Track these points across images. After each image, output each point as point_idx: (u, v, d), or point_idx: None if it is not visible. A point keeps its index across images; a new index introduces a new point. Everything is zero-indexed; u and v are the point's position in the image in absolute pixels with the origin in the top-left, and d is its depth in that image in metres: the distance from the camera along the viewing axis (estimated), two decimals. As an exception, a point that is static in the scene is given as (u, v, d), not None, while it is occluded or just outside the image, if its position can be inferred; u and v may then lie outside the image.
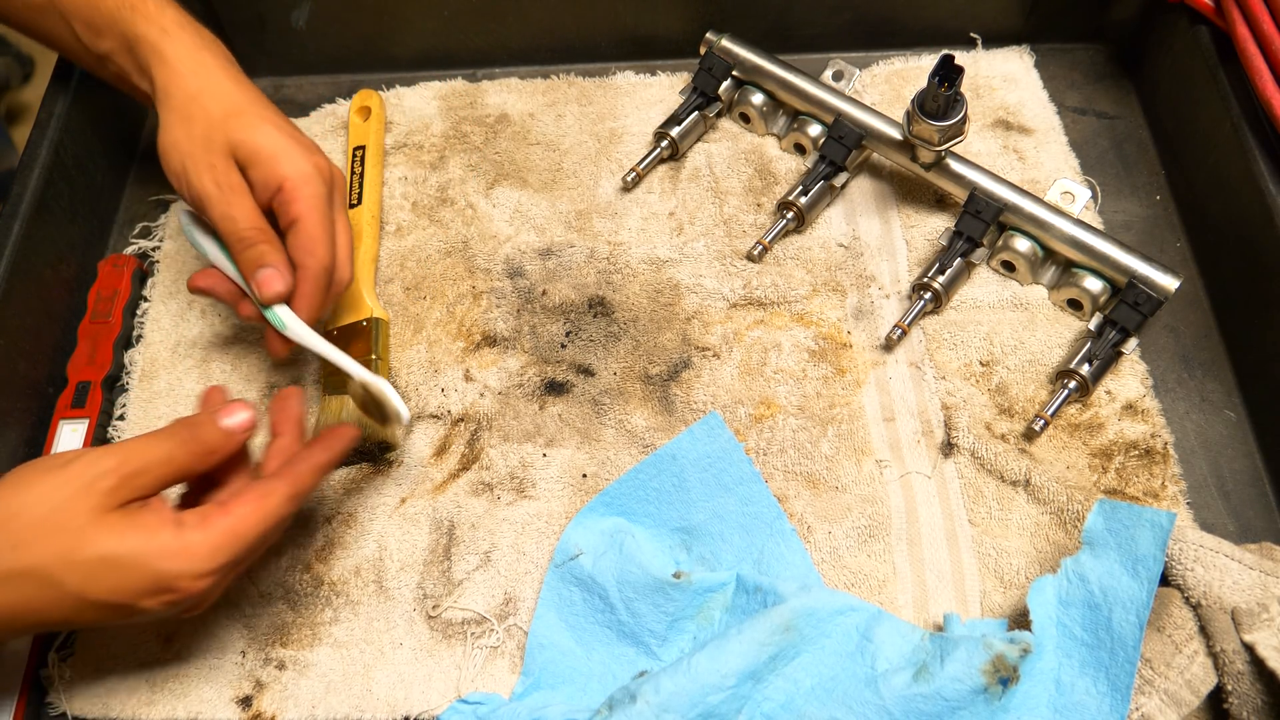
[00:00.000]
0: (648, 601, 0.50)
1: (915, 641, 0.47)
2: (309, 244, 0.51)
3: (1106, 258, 0.58)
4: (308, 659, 0.52)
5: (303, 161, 0.52)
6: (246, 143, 0.51)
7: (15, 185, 0.61)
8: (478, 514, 0.55)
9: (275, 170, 0.51)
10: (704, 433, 0.54)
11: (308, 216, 0.51)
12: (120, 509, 0.41)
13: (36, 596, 0.40)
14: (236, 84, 0.54)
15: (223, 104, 0.52)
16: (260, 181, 0.52)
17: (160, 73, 0.52)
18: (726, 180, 0.67)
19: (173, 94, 0.52)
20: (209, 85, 0.52)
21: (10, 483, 0.42)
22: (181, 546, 0.41)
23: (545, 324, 0.62)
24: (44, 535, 0.40)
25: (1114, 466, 0.55)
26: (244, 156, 0.51)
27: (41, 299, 0.61)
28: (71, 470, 0.41)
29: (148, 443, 0.43)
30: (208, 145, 0.51)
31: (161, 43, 0.53)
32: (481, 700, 0.49)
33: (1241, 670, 0.45)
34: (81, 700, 0.51)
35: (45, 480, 0.41)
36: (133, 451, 0.43)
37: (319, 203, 0.52)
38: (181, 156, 0.51)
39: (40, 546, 0.40)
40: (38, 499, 0.41)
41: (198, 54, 0.53)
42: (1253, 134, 0.59)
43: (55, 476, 0.41)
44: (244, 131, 0.51)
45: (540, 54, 0.74)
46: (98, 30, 0.54)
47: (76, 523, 0.40)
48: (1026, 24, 0.72)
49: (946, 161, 0.61)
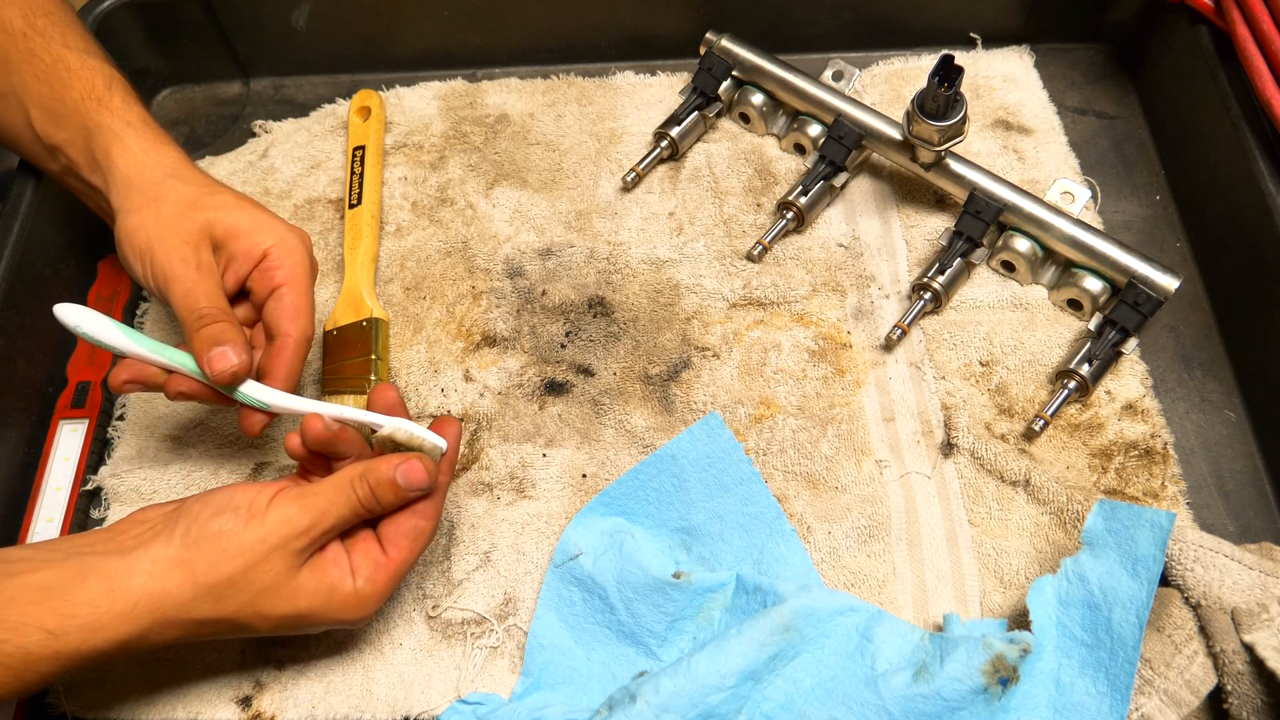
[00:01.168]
0: (647, 602, 0.50)
1: (915, 642, 0.47)
2: (292, 312, 0.51)
3: (1106, 258, 0.58)
4: (308, 659, 0.52)
5: (286, 232, 0.51)
6: (224, 220, 0.50)
7: (15, 185, 0.61)
8: (477, 514, 0.55)
9: (257, 241, 0.51)
10: (704, 433, 0.54)
11: (292, 284, 0.51)
12: (307, 564, 0.45)
13: (226, 634, 0.45)
14: (203, 174, 0.53)
15: (194, 187, 0.51)
16: (242, 253, 0.51)
17: (122, 160, 0.51)
18: (726, 180, 0.67)
19: (137, 179, 0.51)
20: (177, 170, 0.52)
21: (209, 530, 0.44)
22: (358, 601, 0.46)
23: (545, 324, 0.62)
24: (241, 591, 0.43)
25: (1114, 466, 0.55)
26: (221, 233, 0.50)
27: (41, 299, 0.61)
28: (269, 527, 0.44)
29: (332, 501, 0.45)
30: (179, 224, 0.50)
31: (125, 133, 0.52)
32: (481, 700, 0.49)
33: (1241, 670, 0.45)
34: (81, 700, 0.51)
35: (244, 534, 0.44)
36: (323, 514, 0.45)
37: (302, 271, 0.51)
38: (148, 236, 0.49)
39: (237, 600, 0.43)
40: (238, 552, 0.43)
41: (160, 147, 0.53)
42: (1253, 134, 0.59)
43: (252, 532, 0.44)
44: (221, 210, 0.51)
45: (540, 54, 0.74)
46: (57, 118, 0.53)
47: (271, 582, 0.44)
48: (1026, 24, 0.72)
49: (946, 161, 0.61)
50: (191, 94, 0.76)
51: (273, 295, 0.51)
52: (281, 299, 0.51)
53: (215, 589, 0.43)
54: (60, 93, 0.53)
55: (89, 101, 0.52)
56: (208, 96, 0.75)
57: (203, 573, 0.43)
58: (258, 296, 0.52)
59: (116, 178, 0.51)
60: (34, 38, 0.54)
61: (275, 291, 0.51)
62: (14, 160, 0.61)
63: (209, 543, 0.43)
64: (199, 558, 0.43)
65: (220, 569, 0.43)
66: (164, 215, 0.50)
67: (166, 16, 0.71)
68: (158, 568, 0.42)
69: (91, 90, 0.53)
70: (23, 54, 0.53)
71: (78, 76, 0.53)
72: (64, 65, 0.53)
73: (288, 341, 0.50)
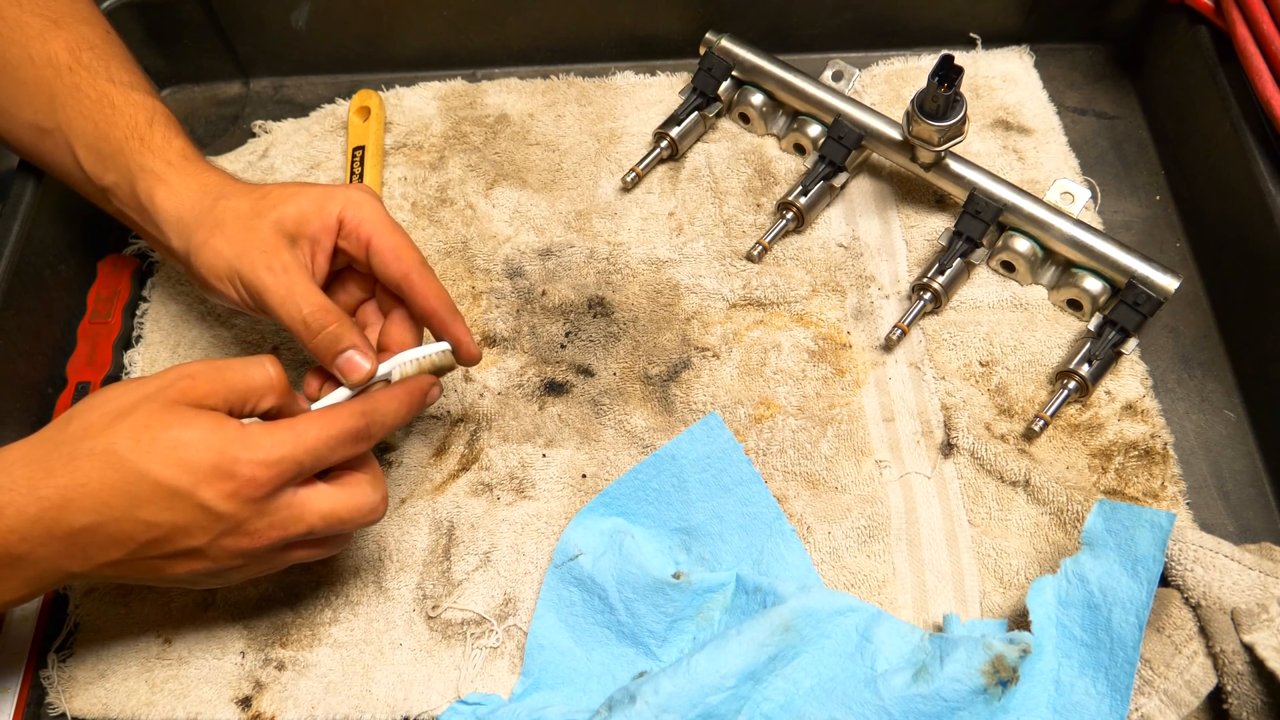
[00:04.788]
0: (647, 602, 0.50)
1: (915, 642, 0.47)
2: (394, 252, 0.49)
3: (1106, 258, 0.58)
4: (307, 659, 0.52)
5: (349, 192, 0.51)
6: (288, 212, 0.50)
7: (15, 185, 0.61)
8: (477, 514, 0.55)
9: (328, 212, 0.50)
10: (703, 433, 0.54)
11: (379, 230, 0.50)
12: (195, 407, 0.43)
13: (96, 479, 0.40)
14: (246, 183, 0.52)
15: (247, 199, 0.50)
16: (320, 230, 0.50)
17: (169, 203, 0.51)
18: (726, 180, 0.67)
19: (189, 216, 0.50)
20: (223, 191, 0.51)
21: (92, 395, 0.43)
22: (247, 434, 0.42)
23: (545, 324, 0.62)
24: (116, 420, 0.41)
25: (1114, 467, 0.55)
26: (291, 225, 0.50)
27: (41, 299, 0.61)
28: (153, 375, 0.43)
29: (235, 364, 0.44)
30: (250, 238, 0.49)
31: (167, 173, 0.51)
32: (481, 701, 0.49)
33: (1241, 671, 0.45)
34: (81, 700, 0.51)
35: (126, 384, 0.43)
36: (223, 367, 0.44)
37: (382, 215, 0.51)
38: (226, 261, 0.49)
39: (111, 431, 0.41)
40: (115, 395, 0.42)
41: (202, 176, 0.52)
42: (1252, 134, 0.59)
43: (136, 381, 0.43)
44: (280, 205, 0.50)
45: (540, 54, 0.74)
46: (103, 158, 0.52)
47: (150, 408, 0.42)
48: (1026, 24, 0.72)
49: (946, 162, 0.61)
50: (191, 94, 0.76)
51: (370, 250, 0.50)
52: (379, 249, 0.50)
53: (87, 424, 0.41)
54: (105, 131, 0.52)
55: (132, 141, 0.52)
56: (208, 96, 0.75)
57: (76, 415, 0.42)
58: (357, 259, 0.51)
59: (169, 221, 0.51)
60: (80, 72, 0.53)
61: (370, 246, 0.50)
62: (14, 160, 0.61)
63: (90, 398, 0.43)
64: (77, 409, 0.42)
65: (95, 410, 0.42)
66: (233, 236, 0.49)
67: (166, 16, 0.71)
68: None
69: (135, 128, 0.52)
70: (69, 89, 0.53)
71: (122, 114, 0.52)
72: (109, 102, 0.53)
73: (410, 277, 0.50)
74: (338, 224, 0.50)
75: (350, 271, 0.53)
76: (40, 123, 0.53)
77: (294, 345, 0.62)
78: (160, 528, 0.41)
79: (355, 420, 0.45)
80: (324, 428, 0.44)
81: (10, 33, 0.53)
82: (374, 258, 0.50)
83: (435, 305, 0.50)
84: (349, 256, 0.51)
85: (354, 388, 0.48)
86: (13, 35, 0.53)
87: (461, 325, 0.51)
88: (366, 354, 0.47)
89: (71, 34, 0.54)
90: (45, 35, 0.53)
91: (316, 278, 0.50)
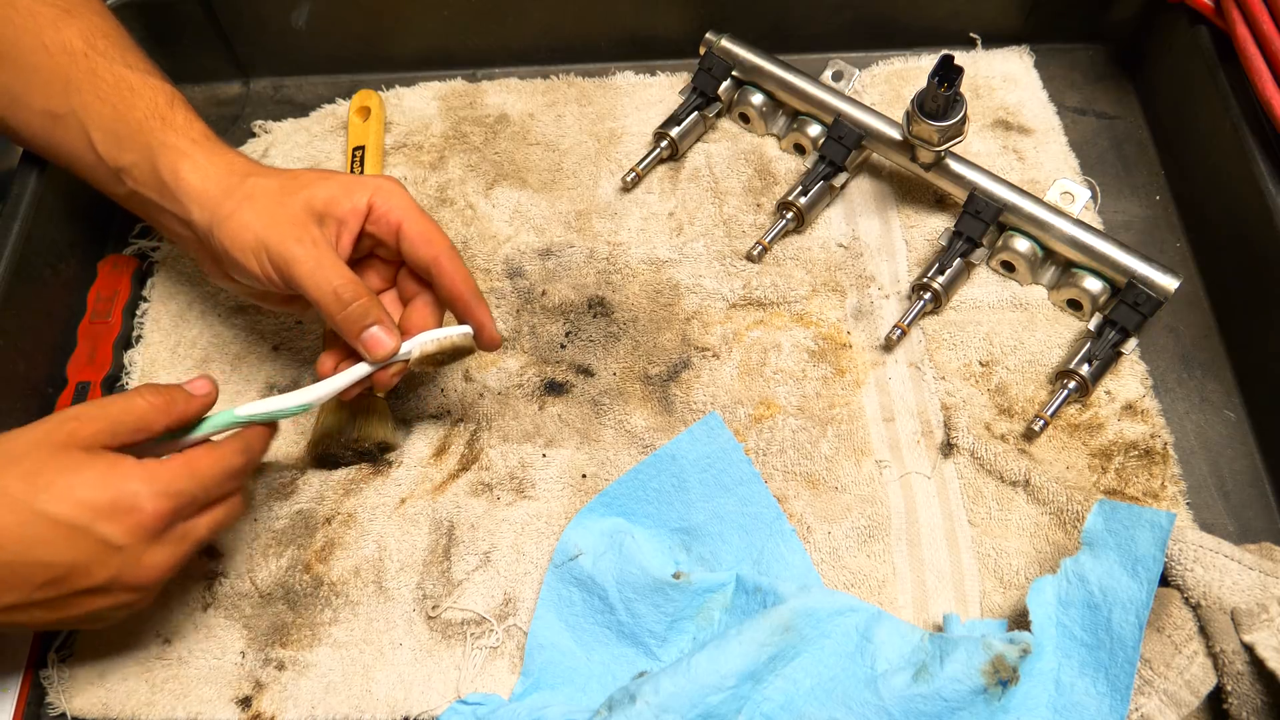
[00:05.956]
0: (647, 602, 0.50)
1: (915, 642, 0.47)
2: (424, 237, 0.50)
3: (1106, 258, 0.58)
4: (307, 659, 0.52)
5: (379, 182, 0.51)
6: (319, 194, 0.50)
7: (15, 185, 0.61)
8: (477, 514, 0.55)
9: (358, 198, 0.50)
10: (703, 433, 0.54)
11: (408, 217, 0.50)
12: (87, 450, 0.43)
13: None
14: (273, 167, 0.53)
15: (277, 178, 0.51)
16: (349, 213, 0.50)
17: (194, 176, 0.51)
18: (726, 180, 0.67)
19: (216, 189, 0.50)
20: (251, 170, 0.51)
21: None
22: (143, 468, 0.43)
23: (545, 324, 0.62)
24: (8, 465, 0.41)
25: (1114, 467, 0.55)
26: (322, 206, 0.50)
27: (41, 299, 0.61)
28: (46, 419, 0.43)
29: (117, 398, 0.45)
30: (281, 212, 0.49)
31: (192, 150, 0.51)
32: (481, 701, 0.49)
33: (1241, 671, 0.45)
34: (81, 700, 0.51)
35: (12, 433, 0.43)
36: (105, 403, 0.44)
37: (411, 203, 0.51)
38: (255, 232, 0.49)
39: (3, 475, 0.41)
40: (11, 438, 0.42)
41: (228, 155, 0.52)
42: (1252, 134, 0.59)
43: (21, 429, 0.43)
44: (312, 186, 0.50)
45: (540, 54, 0.74)
46: (120, 140, 0.52)
47: (39, 454, 0.42)
48: (1026, 24, 0.72)
49: (946, 162, 0.61)
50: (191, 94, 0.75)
51: (400, 235, 0.51)
52: (409, 234, 0.51)
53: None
54: (124, 113, 0.52)
55: (153, 120, 0.52)
56: (208, 96, 0.75)
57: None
58: (386, 244, 0.52)
59: (192, 194, 0.50)
60: (95, 58, 0.53)
61: (400, 230, 0.51)
62: (14, 160, 0.61)
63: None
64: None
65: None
66: (263, 208, 0.49)
67: (166, 16, 0.71)
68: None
69: (155, 109, 0.52)
70: (84, 74, 0.53)
71: (141, 96, 0.52)
72: (127, 85, 0.53)
73: (440, 261, 0.50)
74: (367, 209, 0.51)
75: (370, 261, 0.54)
76: (53, 109, 0.53)
77: (294, 345, 0.62)
78: (57, 568, 0.42)
79: (238, 457, 0.47)
80: (216, 461, 0.46)
81: (23, 21, 0.53)
82: (404, 242, 0.51)
83: (462, 289, 0.51)
84: (376, 240, 0.52)
85: (376, 364, 0.49)
86: (25, 24, 0.53)
87: (486, 311, 0.52)
88: (391, 331, 0.49)
89: (84, 22, 0.54)
90: (59, 23, 0.54)
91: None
